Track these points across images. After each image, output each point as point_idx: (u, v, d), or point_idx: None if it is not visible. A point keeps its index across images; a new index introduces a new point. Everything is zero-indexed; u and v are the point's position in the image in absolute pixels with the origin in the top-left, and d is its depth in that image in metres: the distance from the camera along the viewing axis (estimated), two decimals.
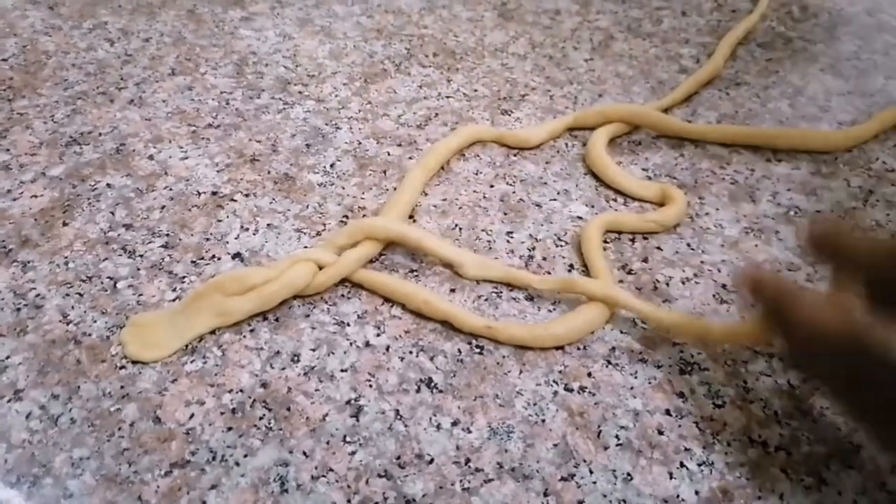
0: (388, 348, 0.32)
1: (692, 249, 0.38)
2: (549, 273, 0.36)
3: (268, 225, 0.38)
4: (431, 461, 0.28)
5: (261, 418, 0.29)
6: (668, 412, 0.30)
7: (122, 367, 0.31)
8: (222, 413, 0.29)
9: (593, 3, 0.61)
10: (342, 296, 0.35)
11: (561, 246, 0.38)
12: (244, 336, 0.32)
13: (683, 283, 0.36)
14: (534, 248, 0.37)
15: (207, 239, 0.37)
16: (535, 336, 0.32)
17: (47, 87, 0.47)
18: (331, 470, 0.28)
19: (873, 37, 0.58)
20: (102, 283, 0.34)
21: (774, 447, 0.29)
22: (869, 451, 0.29)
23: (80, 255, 0.36)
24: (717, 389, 0.31)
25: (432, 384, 0.31)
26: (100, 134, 0.43)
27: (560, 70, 0.52)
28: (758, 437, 0.29)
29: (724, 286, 0.36)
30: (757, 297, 0.29)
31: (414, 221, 0.39)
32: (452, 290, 0.35)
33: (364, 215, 0.39)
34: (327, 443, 0.28)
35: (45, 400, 0.29)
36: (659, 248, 0.38)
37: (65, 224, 0.37)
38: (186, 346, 0.32)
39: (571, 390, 0.31)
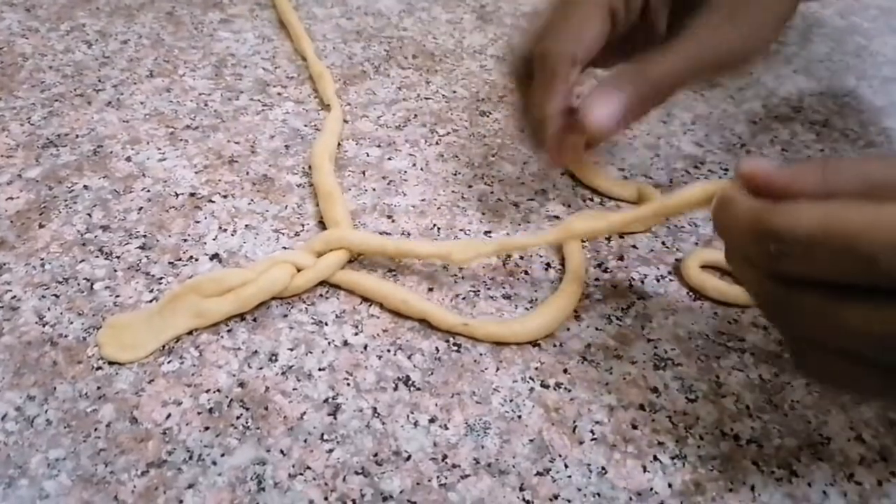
0: (365, 347, 0.32)
1: (667, 248, 0.38)
2: (525, 272, 0.37)
3: (246, 226, 0.38)
4: (409, 458, 0.28)
5: (238, 418, 0.29)
6: (641, 407, 0.31)
7: (99, 368, 0.31)
8: (199, 413, 0.29)
9: None
10: (320, 296, 0.35)
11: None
12: (222, 336, 0.32)
13: (658, 280, 0.36)
14: None
15: (185, 240, 0.37)
16: (512, 331, 0.32)
17: (24, 90, 0.47)
18: (308, 468, 0.28)
19: (845, 39, 0.59)
20: (79, 284, 0.34)
21: (746, 440, 0.30)
22: (838, 443, 0.30)
23: (56, 256, 0.35)
24: (690, 384, 0.32)
25: (410, 382, 0.31)
26: (77, 136, 0.43)
27: None
28: (730, 431, 0.30)
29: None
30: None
31: (393, 222, 0.39)
32: (430, 290, 0.35)
33: None
34: (305, 441, 0.29)
35: (21, 401, 0.29)
36: (634, 246, 0.38)
37: (41, 226, 0.37)
38: (163, 346, 0.32)
39: (547, 386, 0.31)
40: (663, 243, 0.39)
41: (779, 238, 0.22)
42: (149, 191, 0.40)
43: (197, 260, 0.36)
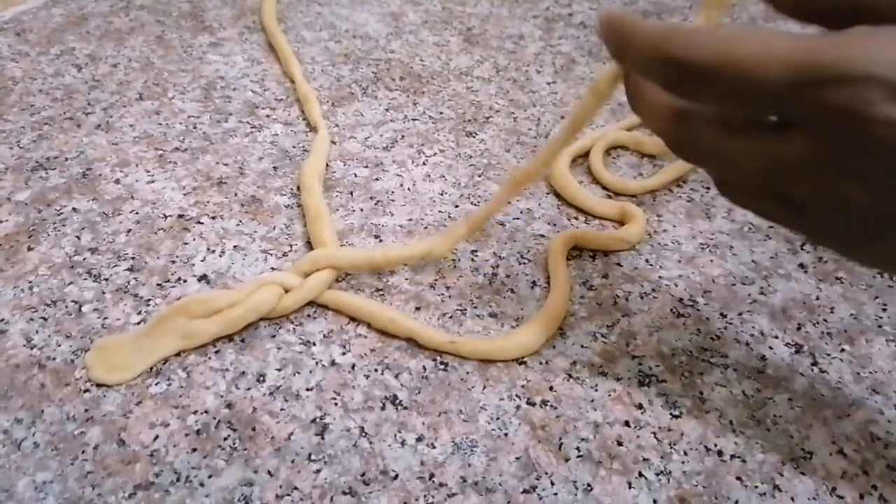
0: (353, 366, 0.33)
1: (650, 265, 0.39)
2: (512, 290, 0.37)
3: (234, 247, 0.38)
4: (396, 477, 0.29)
5: (225, 439, 0.29)
6: (627, 423, 0.31)
7: (87, 391, 0.31)
8: (187, 434, 0.29)
9: (556, 28, 0.62)
10: (308, 316, 0.35)
11: (524, 263, 0.39)
12: (209, 357, 0.33)
13: (642, 297, 0.37)
14: (497, 266, 0.38)
15: (173, 262, 0.37)
16: (498, 347, 0.33)
17: (13, 113, 0.47)
18: (295, 488, 0.28)
19: None
20: (67, 307, 0.34)
21: (730, 455, 0.30)
22: (821, 458, 0.30)
23: (44, 279, 0.36)
24: (675, 400, 0.32)
25: (397, 401, 0.31)
26: (66, 159, 0.43)
27: (524, 93, 0.53)
28: (713, 446, 0.30)
29: (680, 300, 0.37)
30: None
31: (380, 241, 0.39)
32: (417, 309, 0.36)
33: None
34: (292, 461, 0.29)
35: (9, 424, 0.29)
36: (619, 264, 0.39)
37: (30, 249, 0.37)
38: (151, 368, 0.32)
39: (534, 404, 0.32)
40: (647, 261, 0.39)
41: (678, 66, 0.22)
42: (137, 213, 0.40)
43: (185, 281, 0.36)
